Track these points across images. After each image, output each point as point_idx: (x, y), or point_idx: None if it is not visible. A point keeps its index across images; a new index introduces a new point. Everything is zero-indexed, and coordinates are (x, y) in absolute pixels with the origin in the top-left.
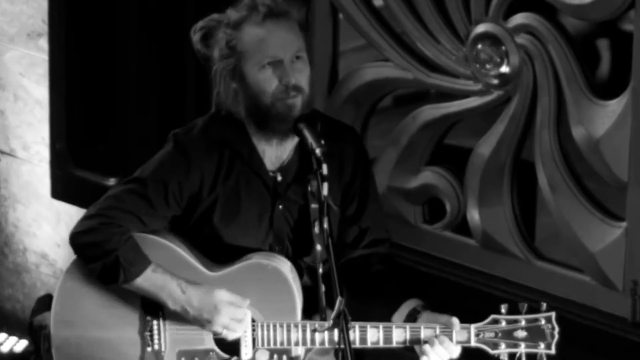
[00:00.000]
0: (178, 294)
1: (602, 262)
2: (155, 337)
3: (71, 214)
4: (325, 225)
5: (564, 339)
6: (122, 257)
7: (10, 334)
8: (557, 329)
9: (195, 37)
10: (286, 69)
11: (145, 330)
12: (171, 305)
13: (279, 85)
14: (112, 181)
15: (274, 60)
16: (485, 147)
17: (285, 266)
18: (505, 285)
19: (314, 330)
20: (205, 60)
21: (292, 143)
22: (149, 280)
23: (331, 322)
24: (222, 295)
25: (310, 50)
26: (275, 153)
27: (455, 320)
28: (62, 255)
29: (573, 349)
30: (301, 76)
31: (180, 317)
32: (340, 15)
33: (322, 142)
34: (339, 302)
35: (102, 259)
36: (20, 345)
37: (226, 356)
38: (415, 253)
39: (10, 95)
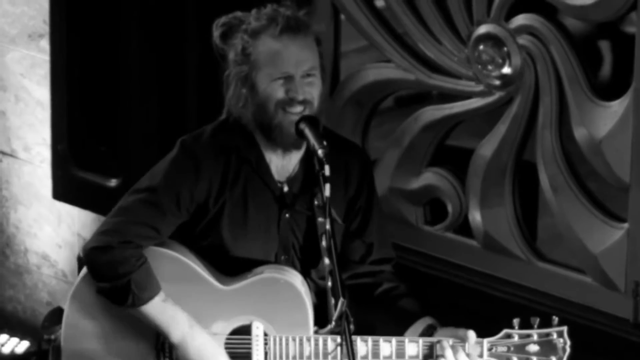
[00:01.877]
0: (185, 327)
1: (604, 263)
2: (167, 350)
3: (72, 215)
4: (328, 226)
5: None
6: (134, 282)
7: (12, 335)
8: (569, 343)
9: (216, 32)
10: (295, 84)
11: (157, 343)
12: (174, 336)
13: (285, 97)
14: (113, 182)
15: (285, 75)
16: (487, 148)
17: (297, 280)
18: (507, 286)
19: (315, 332)
20: (221, 57)
21: (297, 155)
22: (157, 308)
23: (333, 324)
24: (222, 351)
25: (324, 64)
26: (281, 163)
27: (471, 334)
28: (64, 256)
29: (574, 350)
30: (311, 90)
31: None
32: (342, 16)
33: (325, 143)
34: (340, 303)
35: (113, 280)
36: (21, 346)
37: None
38: (417, 254)
39: (11, 96)
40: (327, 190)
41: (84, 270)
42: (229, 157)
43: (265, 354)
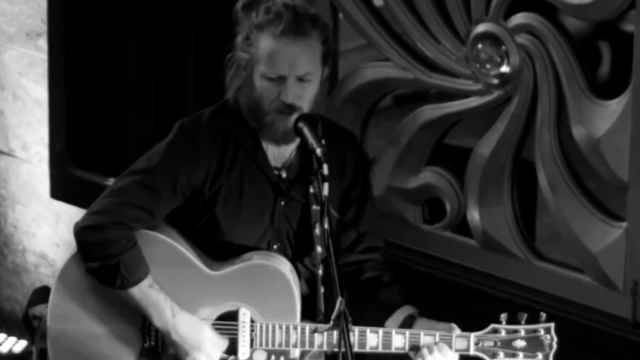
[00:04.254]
0: (168, 315)
1: (603, 262)
2: (152, 332)
3: (70, 214)
4: (326, 226)
5: (563, 338)
6: (123, 264)
7: (9, 334)
8: (555, 340)
9: (241, 1)
10: (286, 87)
11: (142, 326)
12: (157, 323)
13: (276, 100)
14: (111, 181)
15: (277, 76)
16: (485, 147)
17: (285, 267)
18: (505, 286)
19: (314, 331)
20: (235, 26)
21: (294, 143)
22: (143, 293)
23: (332, 322)
24: (209, 333)
25: (329, 63)
26: (277, 150)
27: (454, 326)
28: (62, 255)
29: (573, 349)
30: (301, 95)
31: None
32: (340, 15)
33: (323, 142)
34: (339, 302)
35: (102, 260)
36: (19, 345)
37: (224, 355)
38: (415, 253)
39: (9, 95)
40: (325, 189)
41: (73, 250)
42: (227, 141)
43: (252, 340)
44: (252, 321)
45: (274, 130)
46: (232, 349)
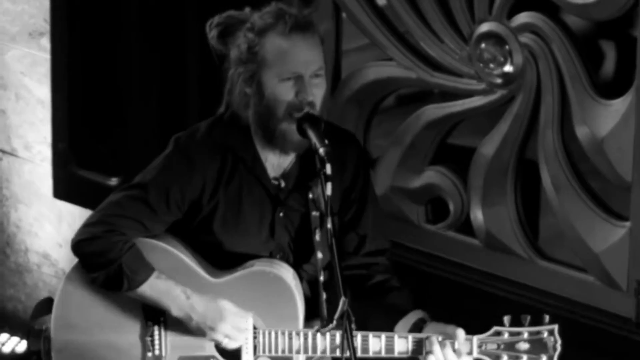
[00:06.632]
0: (182, 299)
1: (606, 262)
2: (156, 342)
3: (73, 214)
4: (329, 225)
5: (567, 338)
6: (126, 266)
7: (12, 334)
8: (559, 342)
9: (212, 33)
10: (305, 85)
11: (146, 335)
12: (175, 311)
13: (295, 100)
14: (114, 181)
15: (295, 76)
16: (488, 146)
17: (287, 274)
18: (509, 285)
19: (317, 331)
20: (219, 58)
21: (293, 153)
22: (153, 287)
23: (334, 322)
24: (226, 304)
25: (327, 63)
26: (277, 161)
27: (460, 332)
28: (64, 255)
29: (576, 348)
30: (318, 92)
31: (181, 325)
32: (344, 14)
33: (326, 142)
34: (342, 302)
35: (105, 268)
36: (21, 345)
37: None
38: (418, 253)
39: (12, 95)
40: (328, 189)
41: (75, 261)
42: (225, 155)
43: (255, 347)
44: (254, 328)
45: (288, 141)
46: (235, 356)
